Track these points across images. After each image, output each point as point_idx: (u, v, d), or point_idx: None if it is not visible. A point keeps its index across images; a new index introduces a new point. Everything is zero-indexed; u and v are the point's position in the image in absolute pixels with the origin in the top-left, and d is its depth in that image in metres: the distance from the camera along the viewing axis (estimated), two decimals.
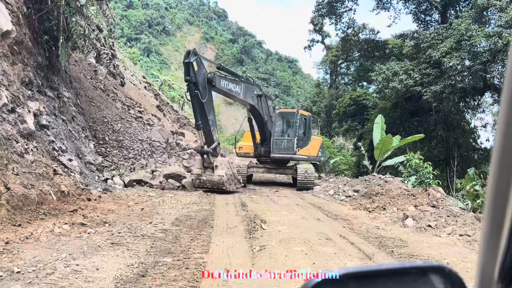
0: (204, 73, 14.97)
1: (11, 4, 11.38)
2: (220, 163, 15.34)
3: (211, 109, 15.36)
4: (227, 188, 15.35)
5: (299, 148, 19.44)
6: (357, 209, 12.85)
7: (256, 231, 8.81)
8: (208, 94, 15.03)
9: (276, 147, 19.55)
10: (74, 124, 15.68)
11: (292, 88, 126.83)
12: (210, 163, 15.29)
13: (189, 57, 14.32)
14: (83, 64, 22.48)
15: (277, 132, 20.09)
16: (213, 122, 15.46)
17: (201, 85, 14.57)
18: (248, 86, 18.09)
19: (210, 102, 15.26)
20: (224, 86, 16.11)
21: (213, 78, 15.22)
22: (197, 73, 14.48)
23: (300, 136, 20.05)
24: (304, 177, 18.22)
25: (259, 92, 19.00)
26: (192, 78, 14.25)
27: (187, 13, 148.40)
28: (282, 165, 20.32)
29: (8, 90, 10.58)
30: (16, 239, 6.94)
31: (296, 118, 19.94)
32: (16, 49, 11.47)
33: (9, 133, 9.91)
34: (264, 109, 19.26)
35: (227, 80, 16.47)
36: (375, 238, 8.71)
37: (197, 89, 14.40)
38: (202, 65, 15.06)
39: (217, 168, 15.26)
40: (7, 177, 8.62)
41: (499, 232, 0.81)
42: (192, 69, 14.30)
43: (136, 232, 8.19)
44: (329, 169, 39.59)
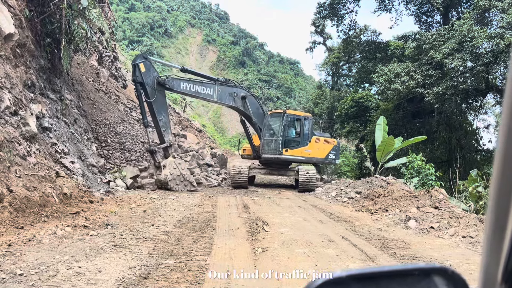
0: (154, 75, 15.96)
1: (14, 7, 11.43)
2: (169, 163, 15.87)
3: (162, 110, 16.07)
4: (173, 188, 15.69)
5: (287, 148, 19.18)
6: (359, 210, 12.83)
7: (258, 233, 8.80)
8: (159, 95, 15.89)
9: (266, 148, 19.57)
10: (76, 127, 15.71)
11: (294, 90, 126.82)
12: (159, 163, 16.00)
13: (136, 60, 15.85)
14: (85, 67, 22.53)
15: (268, 133, 20.04)
16: (164, 123, 16.12)
17: (149, 86, 15.58)
18: (225, 89, 18.33)
19: (160, 103, 16.01)
20: (186, 89, 16.79)
21: (165, 81, 16.09)
22: (144, 74, 15.55)
23: (290, 136, 19.89)
24: (305, 179, 18.07)
25: (243, 93, 19.22)
26: (137, 78, 15.44)
27: (188, 16, 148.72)
28: (284, 167, 20.18)
29: (11, 93, 10.61)
30: (19, 241, 6.95)
31: (283, 118, 19.62)
32: (18, 52, 11.51)
33: (11, 135, 9.93)
34: (253, 110, 19.48)
35: (191, 83, 17.03)
36: (378, 239, 8.69)
37: (143, 89, 15.50)
38: (153, 68, 16.19)
39: (164, 168, 15.79)
40: (9, 180, 8.64)
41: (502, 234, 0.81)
42: (138, 70, 15.43)
43: (139, 234, 8.19)
44: (331, 170, 39.53)
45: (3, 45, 10.73)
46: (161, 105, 16.07)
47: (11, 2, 11.40)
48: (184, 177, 16.17)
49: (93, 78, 22.46)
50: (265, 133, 19.81)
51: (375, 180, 16.35)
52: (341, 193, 16.39)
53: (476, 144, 35.03)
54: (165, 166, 15.83)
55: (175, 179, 15.77)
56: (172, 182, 15.66)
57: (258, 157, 20.54)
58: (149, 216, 10.36)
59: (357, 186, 16.75)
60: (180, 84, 16.60)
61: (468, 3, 33.34)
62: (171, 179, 15.63)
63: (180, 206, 12.26)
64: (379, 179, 16.41)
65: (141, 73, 15.42)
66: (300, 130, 20.30)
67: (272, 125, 20.37)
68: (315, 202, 14.76)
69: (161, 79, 16.02)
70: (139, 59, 15.78)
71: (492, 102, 35.31)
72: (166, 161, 15.95)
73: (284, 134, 19.26)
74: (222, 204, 13.20)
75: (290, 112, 20.62)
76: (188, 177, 16.32)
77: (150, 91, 15.50)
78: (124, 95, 25.48)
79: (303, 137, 20.23)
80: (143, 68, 15.51)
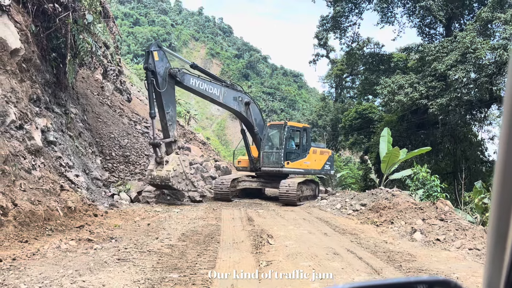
0: (166, 66, 15.23)
1: (20, 23, 11.57)
2: (172, 159, 15.02)
3: (170, 103, 15.35)
4: (174, 185, 14.83)
5: (289, 161, 18.61)
6: (364, 223, 12.74)
7: (263, 246, 8.76)
8: (169, 87, 15.17)
9: (266, 160, 18.96)
10: (81, 140, 15.78)
11: (297, 102, 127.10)
12: (161, 158, 15.04)
13: (150, 47, 15.06)
14: (90, 81, 22.71)
15: (267, 145, 19.46)
16: (171, 117, 15.43)
17: (160, 76, 14.84)
18: (230, 91, 17.82)
19: (169, 95, 15.33)
20: (195, 85, 16.09)
21: (176, 73, 15.33)
22: (157, 63, 14.81)
23: (291, 148, 19.39)
24: (285, 191, 17.14)
25: (246, 99, 18.62)
26: (150, 66, 14.64)
27: (192, 30, 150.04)
28: (276, 179, 18.93)
29: (16, 107, 10.69)
30: (23, 255, 6.94)
31: (284, 130, 18.96)
32: (24, 67, 11.63)
33: (17, 149, 9.98)
34: (256, 118, 18.95)
35: (200, 80, 16.37)
36: (383, 252, 8.61)
37: (155, 77, 14.68)
38: (166, 59, 15.41)
39: (167, 164, 14.91)
40: (14, 193, 8.66)
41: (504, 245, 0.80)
42: (152, 58, 14.70)
43: (143, 247, 8.17)
44: (336, 182, 39.42)
45: (9, 60, 10.84)
46: (170, 97, 15.38)
47: (18, 18, 11.55)
48: (187, 175, 15.47)
49: (98, 92, 22.62)
50: (264, 145, 19.28)
51: (380, 192, 16.26)
52: (346, 205, 16.29)
53: (481, 155, 34.86)
54: (167, 162, 14.91)
55: (177, 176, 14.92)
56: (174, 179, 14.74)
57: (255, 169, 19.88)
58: (153, 229, 10.33)
59: (362, 198, 16.65)
60: (190, 79, 15.97)
61: (471, 15, 33.46)
62: (174, 176, 14.71)
63: (184, 219, 12.23)
64: (384, 191, 16.32)
65: (154, 61, 14.73)
66: (300, 142, 19.98)
67: (272, 137, 19.95)
68: (320, 215, 14.68)
69: (173, 71, 15.34)
70: (154, 46, 15.07)
71: (497, 113, 35.23)
72: (169, 156, 15.11)
73: (285, 146, 18.73)
74: (226, 217, 13.15)
75: (290, 123, 20.08)
76: (190, 177, 15.58)
77: (160, 82, 14.83)
78: (129, 108, 25.62)
79: (303, 148, 19.93)
80: (156, 56, 14.84)
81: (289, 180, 17.77)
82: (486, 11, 25.81)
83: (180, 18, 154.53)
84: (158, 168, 14.95)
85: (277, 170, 18.58)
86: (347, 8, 38.34)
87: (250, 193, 19.92)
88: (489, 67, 24.96)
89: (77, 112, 16.61)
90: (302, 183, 18.26)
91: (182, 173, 15.14)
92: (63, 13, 12.85)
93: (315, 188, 20.87)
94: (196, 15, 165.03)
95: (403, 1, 36.43)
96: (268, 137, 19.65)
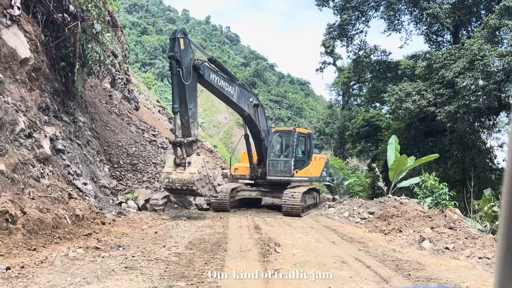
0: (191, 57, 13.84)
1: (30, 33, 11.72)
2: (195, 160, 13.53)
3: (193, 98, 13.95)
4: (198, 190, 13.28)
5: (297, 169, 17.76)
6: (372, 231, 12.66)
7: (270, 254, 8.72)
8: (192, 80, 13.79)
9: (272, 169, 17.84)
10: (89, 148, 15.87)
11: (304, 110, 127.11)
12: (182, 159, 13.41)
13: (176, 33, 13.47)
14: (99, 89, 22.89)
15: (273, 153, 18.46)
16: (193, 113, 13.95)
17: (185, 66, 13.42)
18: (243, 92, 16.72)
19: (193, 89, 13.96)
20: (214, 81, 14.85)
21: (200, 65, 13.94)
22: (183, 52, 13.39)
23: (299, 156, 18.49)
24: (289, 202, 16.07)
25: (256, 101, 17.50)
26: (176, 54, 13.14)
27: (200, 38, 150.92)
28: (278, 188, 17.93)
29: (26, 116, 10.80)
30: (31, 263, 6.97)
31: (294, 137, 18.11)
32: (33, 76, 11.75)
33: (26, 157, 10.06)
34: (261, 123, 17.82)
35: (219, 76, 15.16)
36: (392, 261, 8.54)
37: (180, 68, 13.21)
38: (191, 49, 13.99)
39: (190, 165, 13.36)
40: (23, 201, 8.72)
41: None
42: (178, 45, 13.26)
43: (150, 255, 8.17)
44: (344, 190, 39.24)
45: (19, 69, 10.97)
46: (193, 92, 13.95)
47: (28, 27, 11.70)
48: (210, 179, 13.95)
49: (106, 101, 22.79)
50: (270, 153, 18.21)
51: (388, 200, 16.17)
52: (354, 214, 16.22)
53: (490, 163, 34.61)
54: (190, 163, 13.35)
55: (201, 179, 13.39)
56: (199, 183, 13.19)
57: (256, 178, 18.68)
58: (160, 237, 10.34)
59: (370, 206, 16.56)
60: (210, 74, 14.64)
61: (478, 22, 33.40)
62: (198, 179, 13.17)
63: (191, 227, 12.22)
64: (392, 199, 16.23)
65: (180, 49, 13.24)
66: (305, 149, 19.22)
67: (278, 144, 19.21)
68: (328, 223, 14.62)
69: (197, 63, 13.87)
70: (180, 33, 13.49)
71: (506, 121, 35.01)
72: (192, 157, 13.55)
73: (295, 154, 17.86)
74: (233, 225, 13.13)
75: (298, 129, 19.13)
76: (213, 181, 14.26)
77: (185, 73, 13.37)
78: (137, 117, 25.76)
79: (308, 156, 19.21)
80: (182, 44, 13.37)
81: (293, 190, 16.82)
82: (494, 18, 25.74)
83: (187, 27, 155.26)
84: (178, 170, 13.42)
85: (286, 179, 17.65)
86: (354, 16, 38.46)
87: (248, 202, 18.83)
88: (498, 74, 24.85)
89: (85, 120, 16.73)
90: (305, 192, 17.25)
91: (206, 176, 13.68)
92: (72, 22, 13.00)
93: (316, 196, 20.13)
94: (204, 24, 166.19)
95: (410, 9, 36.48)
96: (274, 144, 18.83)
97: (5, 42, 10.62)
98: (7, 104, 10.07)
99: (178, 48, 13.19)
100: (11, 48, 10.77)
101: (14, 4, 11.09)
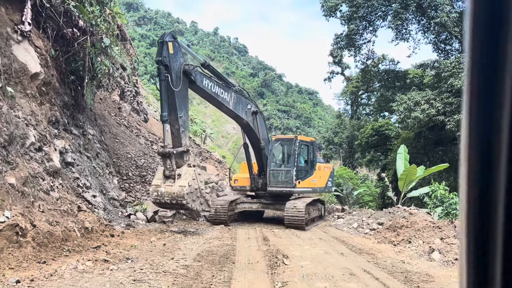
0: (181, 62, 13.09)
1: (40, 48, 11.93)
2: (185, 172, 12.63)
3: (183, 105, 13.11)
4: (188, 204, 12.30)
5: (299, 179, 16.86)
6: (381, 242, 12.57)
7: (278, 266, 8.70)
8: (183, 86, 13.01)
9: (273, 180, 16.95)
10: (99, 161, 16.01)
11: (313, 120, 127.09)
12: (172, 171, 12.59)
13: (164, 36, 12.80)
14: (108, 102, 23.12)
15: (274, 162, 17.52)
16: (184, 122, 13.17)
17: (174, 72, 12.69)
18: (241, 98, 15.90)
19: (183, 96, 13.18)
20: (207, 87, 14.08)
21: (191, 71, 13.23)
22: (172, 57, 12.68)
23: (301, 165, 17.63)
24: (291, 214, 15.27)
25: (254, 108, 16.65)
26: (164, 59, 12.44)
27: (208, 50, 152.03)
28: (280, 200, 17.02)
29: (36, 130, 10.95)
30: (41, 276, 7.03)
31: (295, 145, 17.18)
32: (44, 90, 11.93)
33: (36, 171, 10.19)
34: (261, 131, 16.98)
35: (213, 82, 14.43)
36: (401, 272, 8.48)
37: (169, 73, 12.52)
38: (180, 53, 13.29)
39: (180, 178, 12.50)
40: (33, 215, 8.81)
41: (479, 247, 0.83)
42: (167, 49, 12.57)
43: (158, 268, 8.19)
44: (353, 200, 39.01)
45: (29, 84, 11.15)
46: (183, 99, 13.19)
47: (38, 43, 11.91)
48: (201, 192, 12.92)
49: (115, 113, 23.00)
50: (270, 162, 17.32)
51: (397, 211, 16.06)
52: (363, 224, 16.12)
53: None
54: (180, 176, 12.52)
55: (192, 192, 12.42)
56: (189, 197, 12.24)
57: (256, 189, 17.74)
58: (169, 249, 10.36)
59: (379, 217, 16.46)
60: (203, 79, 13.92)
61: None
62: (189, 192, 12.23)
63: (199, 239, 12.24)
64: (402, 209, 16.11)
65: (168, 53, 12.54)
66: (308, 158, 18.25)
67: (279, 153, 18.32)
68: (336, 234, 14.54)
69: (188, 68, 13.18)
70: (168, 37, 12.81)
71: None
72: (182, 169, 12.69)
73: (297, 164, 16.99)
74: (241, 237, 13.12)
75: (300, 137, 18.21)
76: (205, 194, 13.21)
77: (174, 79, 12.64)
78: (145, 128, 25.95)
79: (311, 165, 18.25)
80: (171, 48, 12.67)
81: (296, 201, 16.02)
82: None
83: (196, 39, 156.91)
84: (167, 183, 12.62)
85: (288, 190, 16.86)
86: (361, 26, 38.54)
87: (248, 215, 18.11)
88: None
89: (94, 133, 16.90)
90: (309, 204, 16.47)
91: (197, 189, 12.70)
92: (81, 37, 13.22)
93: (321, 208, 19.17)
94: (212, 35, 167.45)
95: (418, 18, 36.47)
96: (274, 153, 17.88)
97: (16, 58, 10.82)
98: (18, 118, 10.23)
99: (167, 52, 12.59)
100: (22, 63, 10.96)
101: (25, 20, 11.32)
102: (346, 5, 37.55)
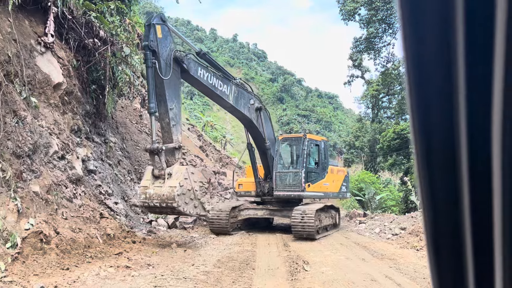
0: (171, 47, 11.66)
1: (63, 58, 12.22)
2: (176, 171, 11.00)
3: (174, 96, 11.66)
4: (180, 207, 10.66)
5: (309, 183, 15.31)
6: (404, 247, 12.38)
7: (299, 272, 8.65)
8: (173, 75, 11.61)
9: (280, 183, 15.47)
10: (120, 168, 16.25)
11: (333, 124, 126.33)
12: (161, 170, 11.01)
13: (151, 19, 11.33)
14: (129, 110, 23.47)
15: (280, 164, 16.04)
16: (175, 115, 11.64)
17: (163, 59, 11.26)
18: (242, 92, 14.46)
19: (174, 86, 11.72)
20: (203, 77, 12.57)
21: (183, 58, 11.84)
22: (160, 41, 11.23)
23: (311, 167, 15.96)
24: (299, 221, 13.61)
25: (258, 104, 15.21)
26: (151, 43, 10.98)
27: (228, 56, 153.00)
28: (288, 206, 15.50)
29: (59, 138, 11.19)
30: (64, 282, 7.15)
31: (304, 144, 15.60)
32: (66, 99, 12.20)
33: (59, 179, 10.41)
34: (266, 129, 15.49)
35: (210, 72, 12.93)
36: (423, 278, 8.32)
37: (157, 59, 11.08)
38: (170, 37, 11.84)
39: (170, 178, 10.90)
40: (57, 222, 8.99)
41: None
42: (154, 33, 11.10)
43: (179, 274, 8.24)
44: (375, 205, 38.57)
45: (52, 94, 11.42)
46: (174, 89, 11.71)
47: (61, 54, 12.21)
48: (195, 194, 11.24)
49: (136, 120, 23.33)
50: (277, 164, 15.84)
51: (420, 215, 15.79)
52: (385, 229, 15.90)
53: None
54: (171, 175, 10.91)
55: (184, 194, 10.80)
56: (180, 199, 10.62)
57: (263, 194, 16.27)
58: (189, 255, 10.42)
59: (401, 221, 16.22)
60: (198, 69, 12.39)
61: None
62: (180, 194, 10.63)
63: (220, 245, 12.27)
64: None
65: (156, 38, 11.09)
66: (319, 159, 16.49)
67: (286, 154, 16.83)
68: (358, 239, 14.38)
69: (180, 55, 11.79)
70: (156, 19, 11.34)
71: None
72: (173, 168, 11.07)
73: (306, 165, 15.38)
74: (261, 243, 13.10)
75: (310, 136, 16.56)
76: (200, 196, 11.44)
77: (163, 66, 11.22)
78: None
79: (322, 167, 16.57)
80: (159, 32, 11.21)
81: (304, 207, 14.30)
82: None
83: (215, 46, 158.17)
84: (156, 183, 11.03)
85: (296, 194, 15.34)
86: (381, 29, 38.27)
87: (255, 223, 16.91)
88: None
89: (116, 140, 17.17)
90: (321, 210, 14.79)
91: (190, 190, 11.04)
92: (102, 47, 13.49)
93: (335, 216, 17.22)
94: (231, 41, 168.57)
95: None
96: (281, 154, 16.36)
97: (39, 69, 11.10)
98: (42, 127, 10.48)
99: (154, 36, 11.11)
100: (45, 74, 11.25)
101: (48, 32, 11.62)
102: (364, 8, 37.35)
